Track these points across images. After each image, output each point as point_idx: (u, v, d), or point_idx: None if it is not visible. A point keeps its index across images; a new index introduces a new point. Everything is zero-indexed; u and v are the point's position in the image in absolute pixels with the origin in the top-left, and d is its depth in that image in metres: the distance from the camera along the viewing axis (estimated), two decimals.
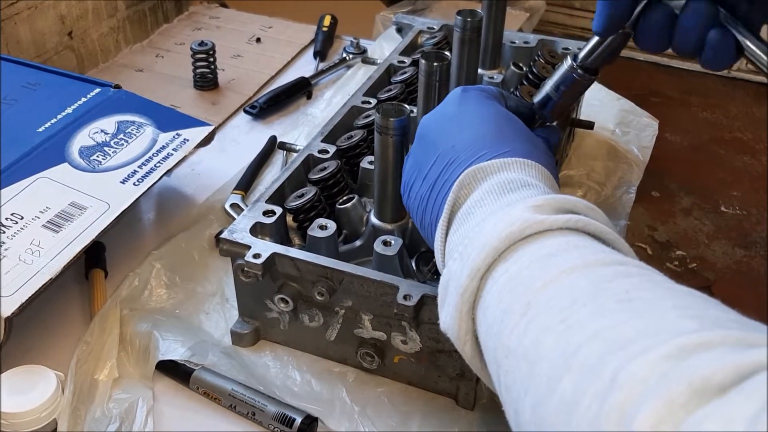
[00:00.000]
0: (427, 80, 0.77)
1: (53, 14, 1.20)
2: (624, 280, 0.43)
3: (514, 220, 0.48)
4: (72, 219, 0.79)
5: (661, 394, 0.33)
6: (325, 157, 0.84)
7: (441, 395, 0.73)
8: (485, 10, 0.96)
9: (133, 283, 0.83)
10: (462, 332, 0.50)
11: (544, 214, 0.49)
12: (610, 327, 0.39)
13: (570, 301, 0.42)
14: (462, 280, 0.49)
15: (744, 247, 2.33)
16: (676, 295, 0.41)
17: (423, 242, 0.77)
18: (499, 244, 0.48)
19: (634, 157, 1.11)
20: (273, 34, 1.41)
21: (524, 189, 0.53)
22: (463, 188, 0.56)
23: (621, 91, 1.24)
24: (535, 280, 0.45)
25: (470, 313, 0.50)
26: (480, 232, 0.51)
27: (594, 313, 0.40)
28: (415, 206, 0.62)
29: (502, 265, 0.48)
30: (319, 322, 0.74)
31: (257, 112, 1.17)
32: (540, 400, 0.40)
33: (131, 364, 0.76)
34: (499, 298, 0.47)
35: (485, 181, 0.55)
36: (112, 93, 0.97)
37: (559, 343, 0.40)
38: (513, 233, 0.48)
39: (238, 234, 0.72)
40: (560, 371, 0.39)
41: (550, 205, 0.50)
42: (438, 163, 0.59)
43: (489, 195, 0.54)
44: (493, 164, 0.56)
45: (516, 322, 0.44)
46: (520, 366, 0.42)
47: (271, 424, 0.70)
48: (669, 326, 0.37)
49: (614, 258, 0.46)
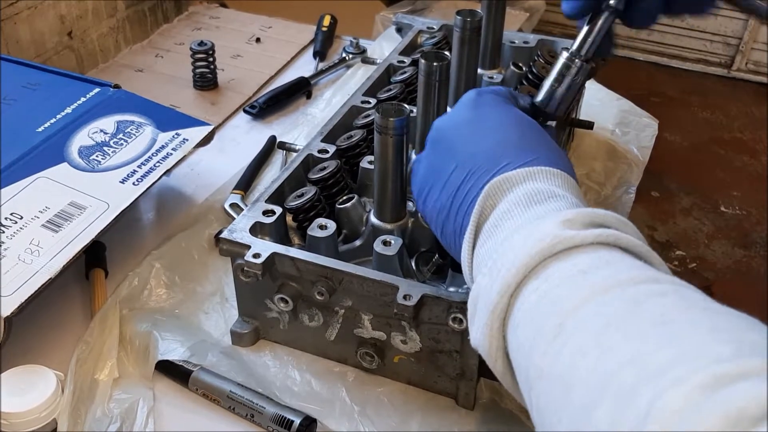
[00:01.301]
0: (427, 80, 0.77)
1: (53, 14, 1.20)
2: (658, 300, 0.42)
3: (545, 235, 0.47)
4: (71, 219, 0.79)
5: (695, 427, 0.33)
6: (324, 157, 0.84)
7: (441, 395, 0.73)
8: (485, 10, 0.96)
9: (133, 283, 0.83)
10: (493, 349, 0.50)
11: (575, 229, 0.48)
12: (645, 354, 0.38)
13: (603, 323, 0.41)
14: (492, 296, 0.48)
15: (744, 247, 2.33)
16: (712, 317, 0.40)
17: (423, 242, 0.77)
18: (530, 260, 0.47)
19: (633, 157, 1.11)
20: (273, 34, 1.41)
21: (552, 200, 0.52)
22: (488, 199, 0.55)
23: (621, 91, 1.24)
24: (567, 301, 0.44)
25: (501, 330, 0.49)
26: (509, 247, 0.50)
27: (628, 338, 0.39)
28: (434, 215, 0.61)
29: (533, 283, 0.47)
30: (319, 322, 0.74)
31: (257, 112, 1.17)
32: (575, 427, 0.39)
33: (131, 364, 0.76)
34: (530, 317, 0.46)
35: (511, 192, 0.54)
36: (112, 93, 0.97)
37: (593, 368, 0.39)
38: (543, 250, 0.47)
39: (237, 234, 0.72)
40: (595, 399, 0.38)
41: (580, 219, 0.49)
42: (458, 171, 0.58)
43: (516, 207, 0.53)
44: (518, 174, 0.54)
45: (548, 343, 0.43)
46: (554, 390, 0.42)
47: (269, 426, 0.70)
48: (705, 352, 0.36)
49: (647, 275, 0.45)
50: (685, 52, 3.20)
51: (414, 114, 0.84)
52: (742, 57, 3.10)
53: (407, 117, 0.70)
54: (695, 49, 3.18)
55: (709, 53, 3.17)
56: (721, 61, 3.16)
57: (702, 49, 3.17)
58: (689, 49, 3.18)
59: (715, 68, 3.17)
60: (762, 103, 2.96)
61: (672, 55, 3.21)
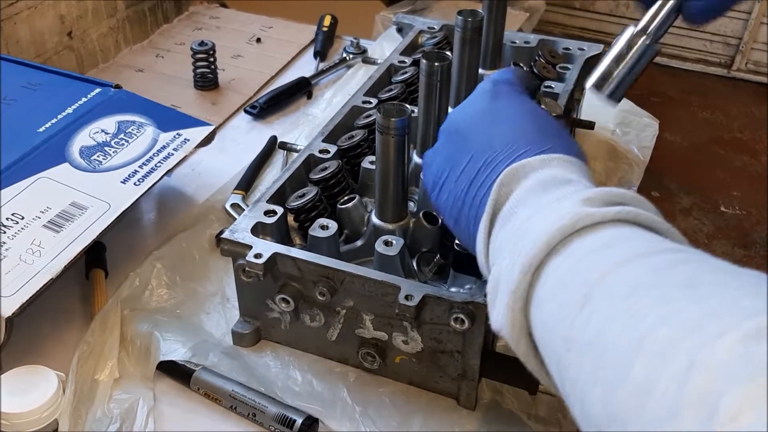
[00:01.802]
0: (428, 80, 0.77)
1: (53, 14, 1.20)
2: (684, 266, 0.42)
3: (565, 213, 0.47)
4: (73, 219, 0.79)
5: (744, 377, 0.32)
6: (326, 157, 0.84)
7: (442, 395, 0.73)
8: (486, 9, 0.96)
9: (134, 283, 0.83)
10: (515, 330, 0.49)
11: (595, 207, 0.48)
12: (679, 311, 0.38)
13: (631, 290, 0.41)
14: (514, 276, 0.48)
15: (744, 247, 2.33)
16: (740, 278, 0.40)
17: (424, 242, 0.77)
18: (551, 238, 0.47)
19: (634, 157, 1.11)
20: (273, 34, 1.41)
21: (567, 185, 0.52)
22: (504, 186, 0.55)
23: None
24: (592, 272, 0.44)
25: (523, 310, 0.49)
26: (529, 228, 0.50)
27: (659, 300, 0.39)
28: (448, 205, 0.61)
29: (555, 260, 0.47)
30: (321, 322, 0.74)
31: (257, 112, 1.17)
32: (610, 389, 0.39)
33: (132, 365, 0.76)
34: (553, 292, 0.46)
35: (527, 179, 0.54)
36: (113, 93, 0.97)
37: (625, 330, 0.39)
38: (564, 227, 0.47)
39: (239, 234, 0.72)
40: (630, 358, 0.38)
41: (600, 198, 0.49)
42: (474, 161, 0.59)
43: (532, 193, 0.53)
44: (534, 161, 0.55)
45: (575, 314, 0.43)
46: (585, 359, 0.41)
47: (271, 425, 0.70)
48: (740, 308, 0.36)
49: (670, 246, 0.45)
50: (685, 52, 3.20)
51: (415, 114, 0.84)
52: (742, 57, 3.10)
53: (408, 117, 0.70)
54: (695, 49, 3.18)
55: (709, 53, 3.17)
56: (721, 61, 3.16)
57: (702, 49, 3.17)
58: (689, 49, 3.18)
59: (715, 68, 3.17)
60: (762, 103, 2.96)
61: (672, 55, 3.21)
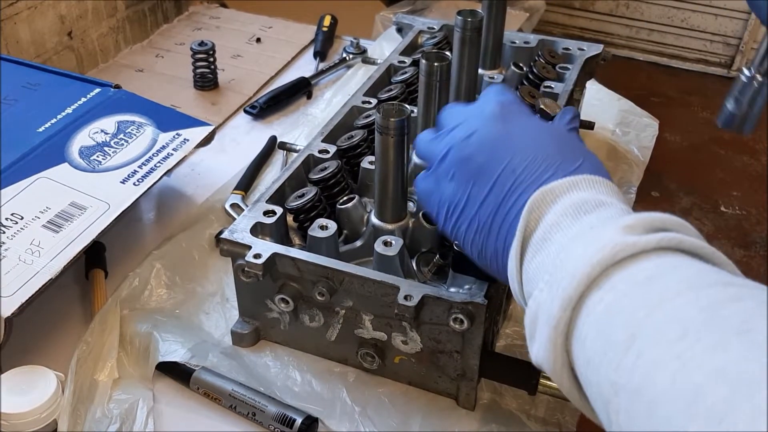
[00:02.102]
0: (428, 80, 0.77)
1: (53, 14, 1.20)
2: (736, 305, 0.39)
3: (606, 243, 0.45)
4: (72, 219, 0.79)
5: None
6: (325, 157, 0.84)
7: (442, 395, 0.73)
8: (485, 9, 0.96)
9: (133, 283, 0.83)
10: (557, 365, 0.47)
11: (636, 235, 0.46)
12: (735, 364, 0.36)
13: (681, 332, 0.39)
14: (554, 311, 0.46)
15: (744, 247, 2.33)
16: None
17: (423, 242, 0.77)
18: (592, 270, 0.45)
19: (634, 157, 1.11)
20: (273, 34, 1.41)
21: (601, 209, 0.51)
22: (533, 212, 0.53)
23: (621, 91, 1.24)
24: (637, 309, 0.41)
25: (564, 345, 0.47)
26: (567, 258, 0.48)
27: (712, 348, 0.37)
28: (470, 235, 0.59)
29: (597, 293, 0.45)
30: (320, 323, 0.74)
31: (257, 112, 1.17)
32: None
33: (131, 365, 0.76)
34: (597, 329, 0.44)
35: (557, 203, 0.52)
36: (112, 93, 0.97)
37: (676, 381, 0.37)
38: (605, 258, 0.45)
39: (238, 234, 0.72)
40: (685, 419, 0.36)
41: (640, 224, 0.47)
42: (497, 188, 0.56)
43: (565, 217, 0.51)
44: (562, 184, 0.53)
45: (621, 356, 0.41)
46: (635, 406, 0.39)
47: (271, 425, 0.70)
48: None
49: (718, 278, 0.43)
50: (685, 52, 3.20)
51: (415, 114, 0.84)
52: (742, 57, 3.10)
53: (408, 117, 0.70)
54: (695, 49, 3.18)
55: (709, 53, 3.17)
56: (721, 61, 3.16)
57: (702, 49, 3.17)
58: (689, 49, 3.18)
59: (715, 68, 3.17)
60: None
61: (672, 55, 3.21)
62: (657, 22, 3.17)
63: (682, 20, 3.13)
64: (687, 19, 3.13)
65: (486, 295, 0.65)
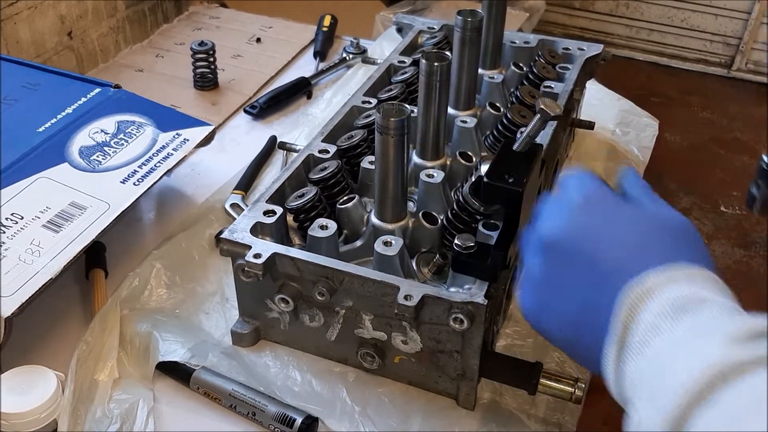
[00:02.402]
0: (428, 80, 0.77)
1: (53, 14, 1.20)
2: None
3: (713, 360, 0.43)
4: (72, 219, 0.79)
5: None
6: (325, 157, 0.84)
7: (441, 395, 0.73)
8: (485, 9, 0.96)
9: (133, 283, 0.83)
10: None
11: (741, 344, 0.44)
12: None
13: None
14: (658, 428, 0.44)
15: (744, 247, 2.33)
16: None
17: (423, 242, 0.77)
18: (700, 389, 0.43)
19: (634, 157, 1.11)
20: (273, 34, 1.41)
21: (702, 309, 0.48)
22: (626, 311, 0.50)
23: (621, 91, 1.24)
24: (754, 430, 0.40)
25: None
26: (668, 369, 0.46)
27: None
28: (558, 329, 0.57)
29: (705, 413, 0.43)
30: (320, 322, 0.74)
31: (257, 112, 1.17)
32: None
33: (131, 365, 0.76)
34: None
35: (652, 301, 0.49)
36: (112, 93, 0.97)
37: None
38: (714, 377, 0.43)
39: (238, 234, 0.72)
40: None
41: (746, 333, 0.45)
42: (584, 281, 0.54)
43: (663, 319, 0.48)
44: (658, 280, 0.50)
45: None
46: None
47: (271, 425, 0.70)
48: None
49: None
50: (685, 52, 3.20)
51: (415, 114, 0.84)
52: (742, 57, 3.10)
53: (408, 117, 0.70)
54: (695, 49, 3.18)
55: (709, 53, 3.17)
56: (721, 61, 3.16)
57: (702, 49, 3.17)
58: (689, 49, 3.18)
59: (715, 68, 3.17)
60: (762, 103, 2.96)
61: (672, 55, 3.21)
62: (657, 22, 3.17)
63: (682, 20, 3.13)
64: (687, 19, 3.13)
65: (486, 295, 0.65)
